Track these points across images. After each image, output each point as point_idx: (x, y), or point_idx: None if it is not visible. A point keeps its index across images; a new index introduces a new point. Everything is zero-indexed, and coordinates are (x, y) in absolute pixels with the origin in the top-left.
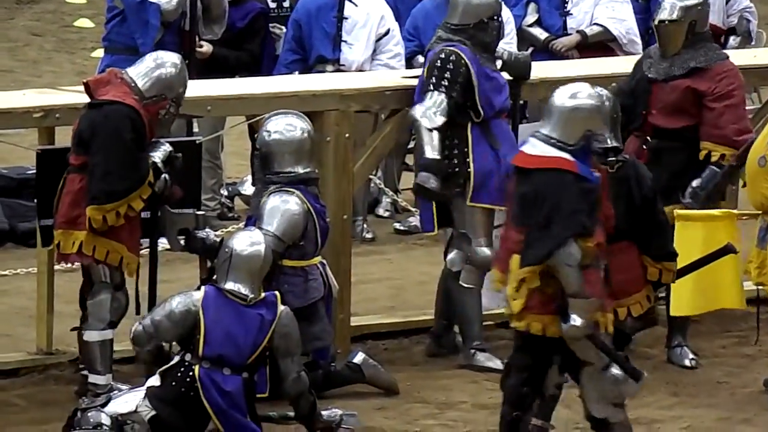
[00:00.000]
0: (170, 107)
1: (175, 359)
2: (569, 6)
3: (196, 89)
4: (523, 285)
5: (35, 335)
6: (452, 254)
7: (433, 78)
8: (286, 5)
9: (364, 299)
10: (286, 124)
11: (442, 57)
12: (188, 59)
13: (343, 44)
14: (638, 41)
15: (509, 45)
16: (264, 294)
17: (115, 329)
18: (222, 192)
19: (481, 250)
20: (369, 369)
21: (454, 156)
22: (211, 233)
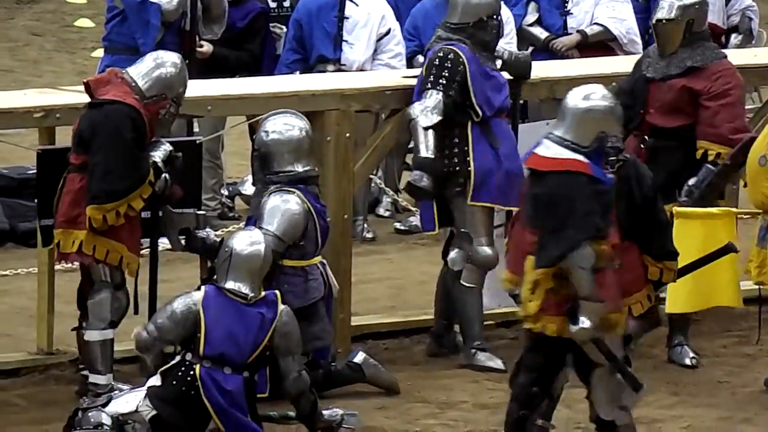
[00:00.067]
0: (170, 107)
1: (176, 359)
2: (569, 5)
3: (197, 89)
4: (538, 287)
5: (36, 335)
6: (453, 253)
7: (432, 77)
8: (287, 5)
9: (365, 299)
10: (284, 124)
11: (441, 56)
12: (188, 59)
13: (344, 44)
14: (638, 41)
15: (509, 44)
16: (264, 293)
17: (116, 329)
18: (222, 192)
19: (482, 249)
20: (369, 368)
21: (454, 155)
22: (212, 233)
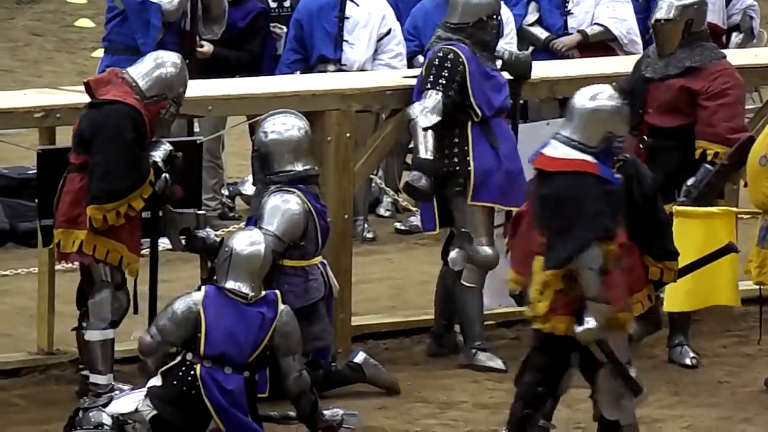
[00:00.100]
0: (171, 107)
1: (177, 359)
2: (570, 5)
3: (197, 89)
4: (547, 287)
5: (36, 335)
6: (454, 253)
7: (431, 77)
8: (287, 5)
9: (365, 299)
10: (282, 124)
11: (440, 56)
12: (189, 59)
13: (345, 44)
14: (639, 41)
15: (510, 44)
16: (264, 292)
17: (117, 329)
18: (223, 192)
19: (483, 249)
20: (370, 368)
21: (454, 155)
22: (212, 233)
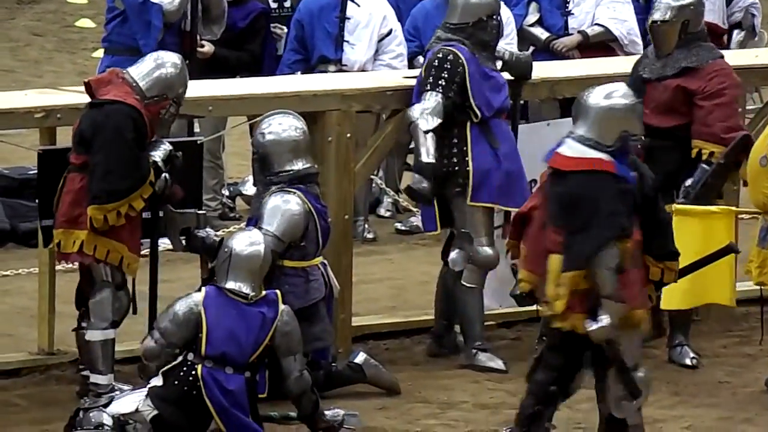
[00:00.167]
0: (171, 107)
1: (178, 359)
2: (571, 6)
3: (198, 89)
4: (564, 286)
5: (37, 335)
6: (454, 254)
7: (431, 78)
8: (288, 5)
9: (366, 299)
10: (279, 124)
11: (440, 57)
12: (189, 59)
13: (346, 44)
14: (639, 42)
15: (510, 45)
16: (265, 292)
17: (117, 329)
18: (223, 192)
19: (483, 250)
20: (370, 369)
21: (453, 155)
22: (212, 232)
